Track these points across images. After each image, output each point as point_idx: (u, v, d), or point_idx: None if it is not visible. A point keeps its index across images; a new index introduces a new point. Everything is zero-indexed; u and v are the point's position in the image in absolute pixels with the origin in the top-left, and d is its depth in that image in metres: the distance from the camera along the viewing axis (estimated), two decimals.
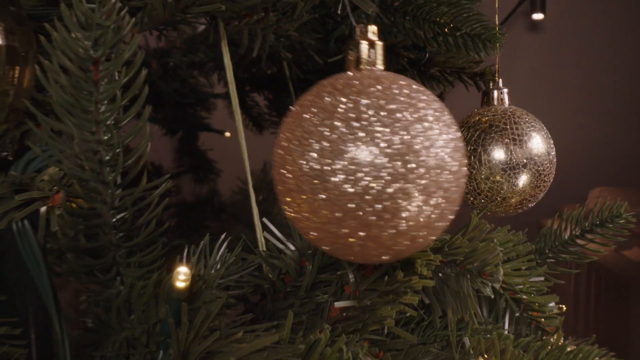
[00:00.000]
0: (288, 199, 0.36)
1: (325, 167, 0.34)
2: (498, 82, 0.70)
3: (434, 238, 0.39)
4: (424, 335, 0.57)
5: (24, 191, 0.36)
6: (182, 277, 0.35)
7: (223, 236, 0.49)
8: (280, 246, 0.50)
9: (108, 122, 0.35)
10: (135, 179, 0.37)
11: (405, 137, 0.34)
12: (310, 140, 0.35)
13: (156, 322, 0.39)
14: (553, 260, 0.68)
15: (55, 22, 0.33)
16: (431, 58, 0.76)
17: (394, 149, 0.34)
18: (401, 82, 0.36)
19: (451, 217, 0.39)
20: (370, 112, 0.34)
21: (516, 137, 0.65)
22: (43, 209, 0.36)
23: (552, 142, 0.68)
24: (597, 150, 3.04)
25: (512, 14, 2.73)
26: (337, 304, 0.42)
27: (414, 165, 0.34)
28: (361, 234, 0.35)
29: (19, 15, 0.37)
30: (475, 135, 0.66)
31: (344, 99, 0.35)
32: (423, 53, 0.74)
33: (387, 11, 0.68)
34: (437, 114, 0.36)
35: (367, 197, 0.34)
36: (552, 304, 0.62)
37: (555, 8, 2.85)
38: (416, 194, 0.34)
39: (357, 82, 0.36)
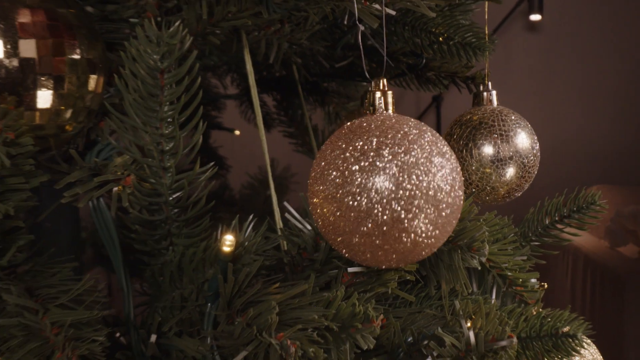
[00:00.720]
0: (317, 211, 0.46)
1: (340, 191, 0.44)
2: (487, 85, 0.80)
3: (435, 249, 0.49)
4: (421, 305, 0.67)
5: (100, 175, 0.46)
6: (228, 242, 0.45)
7: (251, 217, 0.59)
8: (299, 225, 0.60)
9: (169, 119, 0.45)
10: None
11: (412, 170, 0.44)
12: (330, 170, 0.45)
13: (204, 281, 0.49)
14: (537, 243, 0.78)
15: (132, 41, 0.43)
16: (427, 63, 0.86)
17: (400, 179, 0.43)
18: (409, 124, 0.46)
19: (450, 232, 0.49)
20: (379, 148, 0.44)
21: (503, 133, 0.75)
22: (115, 189, 0.46)
23: (536, 137, 0.78)
24: (595, 149, 3.14)
25: (510, 14, 2.82)
26: (350, 269, 0.52)
27: (418, 193, 0.44)
28: (369, 253, 0.45)
29: (95, 34, 0.47)
30: (467, 131, 0.76)
31: (358, 138, 0.45)
32: (420, 59, 0.84)
33: (388, 22, 0.78)
34: (438, 149, 0.46)
35: (375, 218, 0.43)
36: (533, 280, 0.72)
37: (552, 9, 2.94)
38: (421, 214, 0.44)
39: (371, 124, 0.46)
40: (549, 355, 0.66)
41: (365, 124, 0.46)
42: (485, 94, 0.79)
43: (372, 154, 0.43)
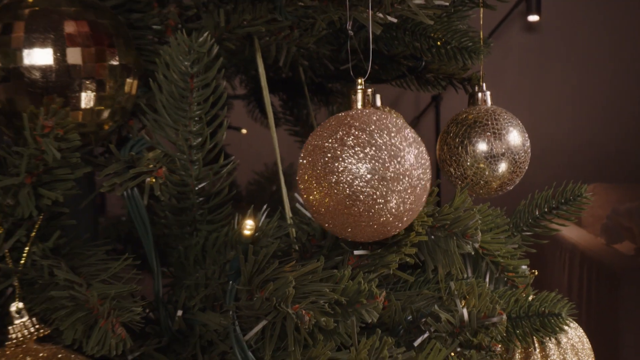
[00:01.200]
0: (305, 195, 0.52)
1: (326, 174, 0.50)
2: (482, 86, 0.86)
3: (406, 226, 0.55)
4: (419, 288, 0.73)
5: (134, 167, 0.52)
6: (249, 227, 0.51)
7: (265, 207, 0.65)
8: (308, 215, 0.66)
9: (197, 118, 0.51)
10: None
11: (384, 154, 0.50)
12: (319, 156, 0.51)
13: (225, 262, 0.55)
14: (528, 233, 0.84)
15: (165, 48, 0.49)
16: (426, 66, 0.92)
17: (378, 166, 0.50)
18: (382, 116, 0.52)
19: (419, 210, 0.55)
20: (359, 134, 0.50)
21: (496, 131, 0.81)
22: (148, 179, 0.52)
23: (527, 135, 0.84)
24: (592, 147, 3.20)
25: (508, 15, 2.88)
26: (356, 252, 0.59)
27: (392, 175, 0.50)
28: (350, 228, 0.52)
29: (129, 42, 0.54)
30: (463, 129, 0.82)
31: (341, 132, 0.51)
32: (420, 62, 0.90)
33: (390, 28, 0.85)
34: (405, 136, 0.52)
35: (353, 197, 0.50)
36: (524, 267, 0.79)
37: (550, 9, 3.00)
38: (394, 198, 0.51)
39: (355, 117, 0.52)
40: (537, 334, 0.72)
41: (346, 116, 0.52)
42: (480, 94, 0.85)
43: (349, 143, 0.49)
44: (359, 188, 0.49)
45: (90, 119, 0.52)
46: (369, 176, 0.50)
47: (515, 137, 0.83)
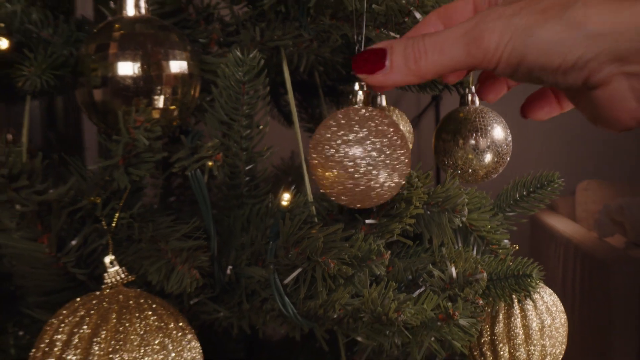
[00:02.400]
0: (316, 172, 0.68)
1: (331, 156, 0.66)
2: (471, 89, 1.02)
3: (394, 194, 0.70)
4: (418, 256, 0.89)
5: (197, 153, 0.69)
6: (286, 198, 0.68)
7: (293, 186, 0.82)
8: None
9: (247, 116, 0.68)
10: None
11: (375, 139, 0.65)
12: (322, 145, 0.66)
13: (266, 227, 0.71)
14: (511, 213, 1.00)
15: (225, 62, 0.66)
16: None
17: (370, 148, 0.65)
18: (373, 112, 0.67)
19: (402, 182, 0.70)
20: (356, 126, 0.66)
21: (482, 127, 0.98)
22: (208, 163, 0.69)
23: (509, 130, 1.00)
24: (584, 147, 3.37)
25: None
26: (367, 221, 0.75)
27: (385, 157, 0.66)
28: (348, 197, 0.67)
29: (194, 54, 0.70)
30: (454, 125, 0.98)
31: (344, 119, 0.66)
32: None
33: None
34: (395, 128, 0.67)
35: (354, 173, 0.65)
36: (506, 241, 0.95)
37: None
38: (383, 172, 0.66)
39: (355, 112, 0.68)
40: (515, 293, 0.88)
41: (347, 111, 0.68)
42: (469, 95, 1.02)
43: (353, 129, 0.65)
44: (357, 168, 0.65)
45: (165, 116, 0.68)
46: (363, 156, 0.65)
47: (499, 132, 0.99)
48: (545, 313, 0.97)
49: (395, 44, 0.54)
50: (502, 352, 0.97)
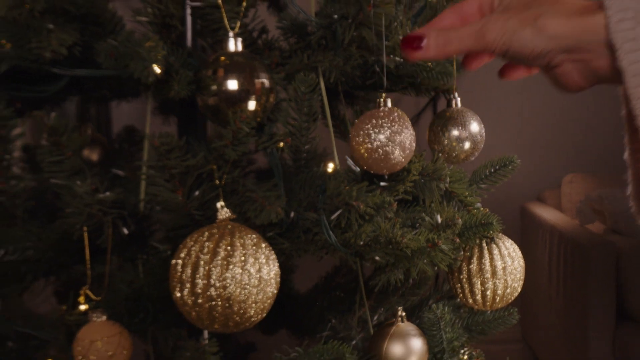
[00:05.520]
0: (355, 149, 1.12)
1: (366, 141, 1.10)
2: (455, 94, 1.45)
3: (403, 166, 1.14)
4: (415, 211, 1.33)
5: (273, 138, 1.12)
6: (330, 167, 1.11)
7: (323, 164, 1.25)
8: (353, 167, 1.26)
9: (306, 114, 1.11)
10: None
11: (395, 129, 1.10)
12: (361, 132, 1.10)
13: (317, 186, 1.15)
14: (483, 185, 1.44)
15: (296, 79, 1.09)
16: (421, 81, 1.52)
17: (390, 135, 1.10)
18: (399, 113, 1.12)
19: (410, 156, 1.14)
20: (381, 121, 1.10)
21: (463, 123, 1.41)
22: (281, 144, 1.12)
23: (482, 125, 1.43)
24: (570, 141, 3.78)
25: None
26: (381, 183, 1.18)
27: (398, 141, 1.10)
28: (375, 166, 1.11)
29: (270, 72, 1.14)
30: (442, 121, 1.42)
31: (374, 119, 1.11)
32: (417, 79, 1.50)
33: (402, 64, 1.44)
34: (406, 123, 1.12)
35: (379, 149, 1.10)
36: (478, 204, 1.39)
37: None
38: (397, 150, 1.10)
39: (381, 113, 1.12)
40: (483, 239, 1.31)
41: (376, 112, 1.12)
42: (453, 99, 1.45)
43: (380, 123, 1.09)
44: (381, 146, 1.09)
45: (254, 114, 1.12)
46: (385, 141, 1.09)
47: (475, 127, 1.42)
48: (507, 257, 1.40)
49: (430, 32, 0.74)
50: (476, 284, 1.40)
